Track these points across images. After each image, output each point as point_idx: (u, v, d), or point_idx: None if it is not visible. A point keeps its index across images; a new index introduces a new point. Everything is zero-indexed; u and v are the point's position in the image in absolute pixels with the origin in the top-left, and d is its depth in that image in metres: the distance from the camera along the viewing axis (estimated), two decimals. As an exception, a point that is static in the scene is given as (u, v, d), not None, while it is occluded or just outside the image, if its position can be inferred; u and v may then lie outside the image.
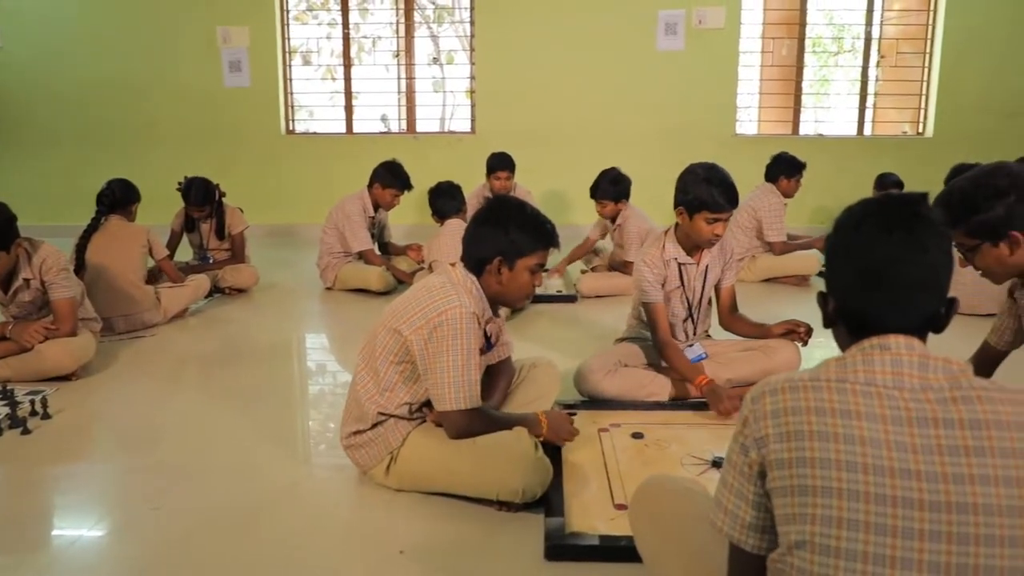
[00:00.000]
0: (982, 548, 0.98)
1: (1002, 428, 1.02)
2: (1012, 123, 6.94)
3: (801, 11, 7.04)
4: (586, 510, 2.01)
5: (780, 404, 1.09)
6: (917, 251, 1.11)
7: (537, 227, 2.14)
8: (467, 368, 2.02)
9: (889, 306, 1.12)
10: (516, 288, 2.17)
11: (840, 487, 1.01)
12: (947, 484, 0.99)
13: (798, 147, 6.32)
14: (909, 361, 1.07)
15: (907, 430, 1.02)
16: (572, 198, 7.01)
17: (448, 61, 7.89)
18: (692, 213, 2.73)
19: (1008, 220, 1.92)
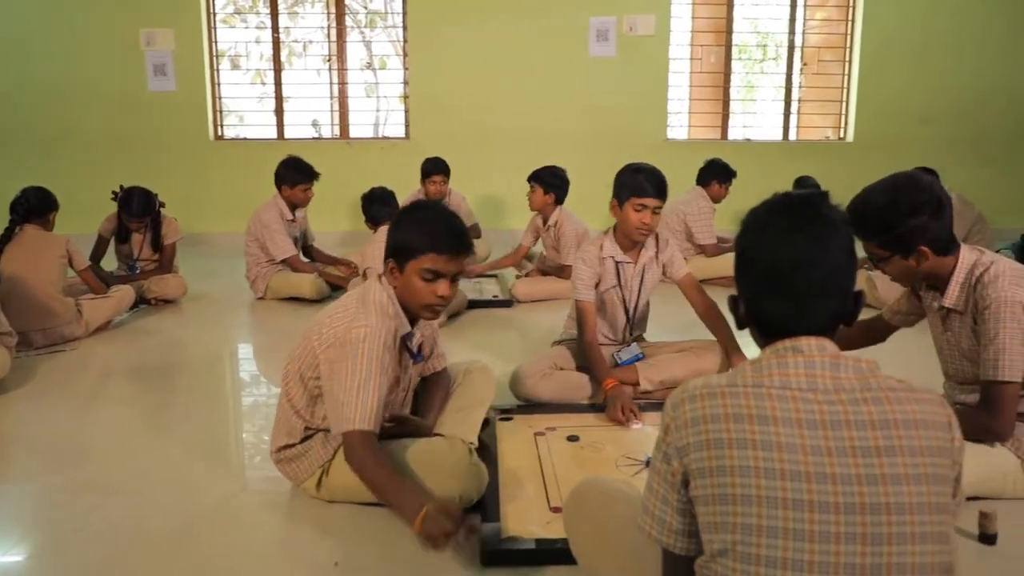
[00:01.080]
0: (894, 547, 1.01)
1: (909, 427, 1.06)
2: (926, 128, 7.26)
3: (728, 19, 7.23)
4: (522, 514, 2.01)
5: (699, 411, 1.10)
6: (818, 253, 1.14)
7: (430, 227, 1.98)
8: (364, 390, 1.88)
9: (793, 310, 1.14)
10: (410, 294, 2.01)
11: (759, 495, 1.03)
12: (861, 486, 1.02)
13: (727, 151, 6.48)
14: (821, 363, 1.09)
15: (821, 433, 1.04)
16: (507, 203, 7.04)
17: (381, 66, 7.83)
18: (622, 203, 2.80)
19: (919, 236, 2.02)
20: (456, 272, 2.02)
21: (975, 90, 7.31)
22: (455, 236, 2.00)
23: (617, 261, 2.92)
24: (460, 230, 2.03)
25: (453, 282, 2.03)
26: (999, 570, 1.85)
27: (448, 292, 2.02)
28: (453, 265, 2.00)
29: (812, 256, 1.13)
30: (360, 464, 1.86)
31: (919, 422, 1.06)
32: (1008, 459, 2.09)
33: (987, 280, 2.03)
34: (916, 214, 2.00)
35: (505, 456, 2.37)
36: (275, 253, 4.65)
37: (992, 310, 1.99)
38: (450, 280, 2.01)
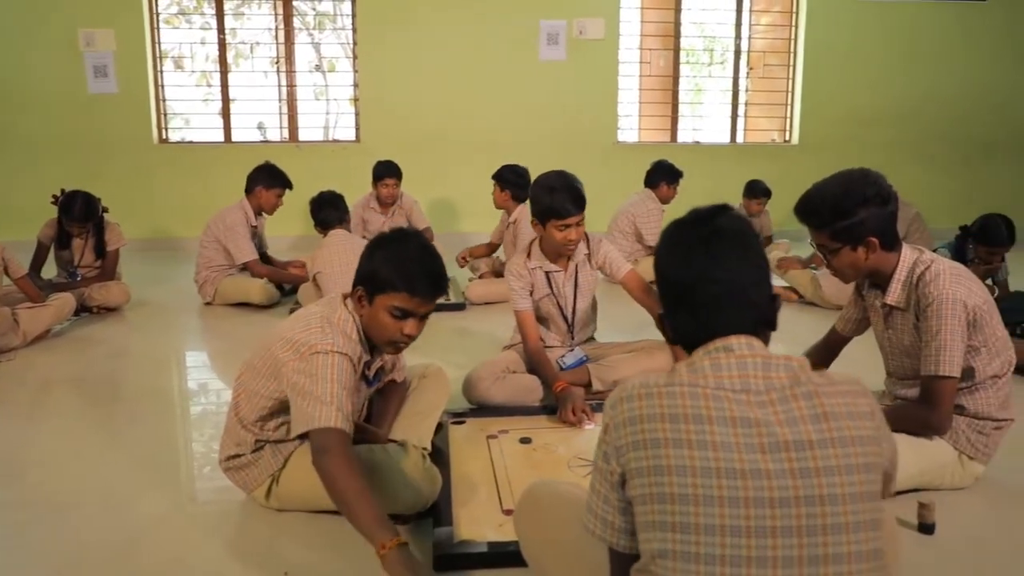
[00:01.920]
0: (830, 537, 1.04)
1: (839, 419, 1.09)
2: (868, 130, 7.48)
3: (675, 23, 7.34)
4: (475, 518, 2.01)
5: (636, 411, 1.12)
6: (716, 268, 1.18)
7: (405, 265, 1.89)
8: (335, 392, 1.80)
9: (702, 324, 1.18)
10: (376, 327, 1.93)
11: (696, 493, 1.05)
12: (795, 479, 1.05)
13: (676, 154, 6.58)
14: (753, 363, 1.13)
15: (755, 431, 1.07)
16: (459, 206, 7.03)
17: (330, 68, 7.75)
18: (544, 222, 2.80)
19: (867, 227, 2.07)
20: (428, 312, 1.96)
21: (912, 94, 7.56)
22: (433, 279, 1.92)
23: (546, 271, 2.93)
24: (439, 272, 1.95)
25: (422, 320, 1.96)
26: (937, 559, 1.91)
27: (415, 331, 1.94)
28: (425, 307, 1.93)
29: (710, 271, 1.18)
30: (332, 469, 1.69)
31: (847, 414, 1.10)
32: (946, 451, 2.16)
33: (928, 278, 2.09)
34: (866, 204, 2.07)
35: (458, 460, 2.36)
36: (237, 256, 4.59)
37: (934, 308, 2.05)
38: (419, 319, 1.95)
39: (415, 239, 1.99)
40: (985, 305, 2.08)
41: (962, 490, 2.21)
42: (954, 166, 7.72)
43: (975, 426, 2.15)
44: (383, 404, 2.34)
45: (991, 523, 2.10)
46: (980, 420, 2.15)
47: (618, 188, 6.87)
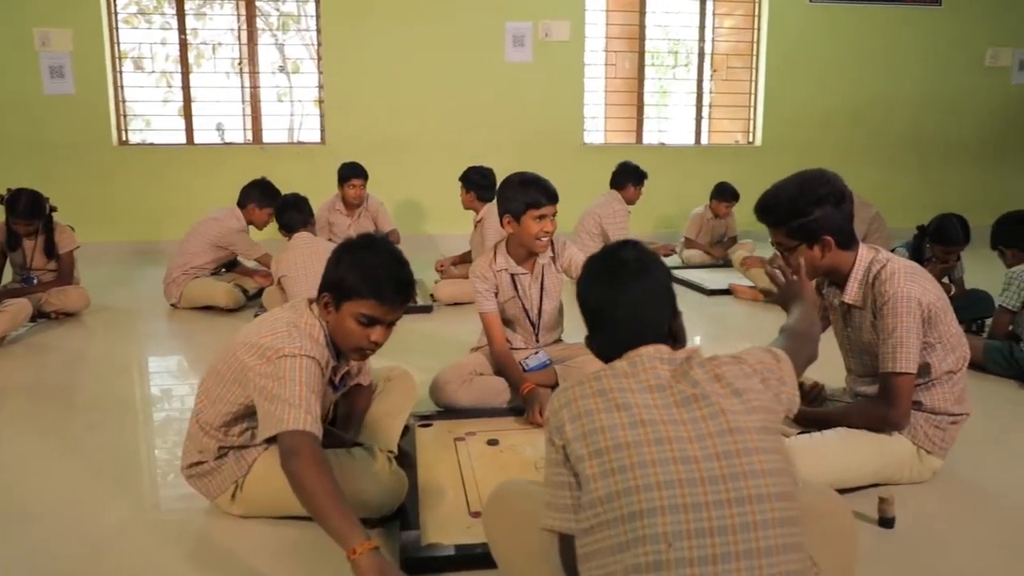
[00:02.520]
0: (743, 459, 1.22)
1: (738, 376, 1.32)
2: (829, 132, 7.61)
3: (640, 26, 7.40)
4: (442, 520, 2.00)
5: (571, 395, 1.33)
6: (618, 293, 1.43)
7: (372, 272, 1.86)
8: (303, 395, 1.78)
9: (614, 341, 1.41)
10: (342, 334, 1.92)
11: (626, 440, 1.24)
12: (705, 422, 1.26)
13: (642, 155, 6.62)
14: (660, 359, 1.36)
15: (668, 391, 1.31)
16: (426, 208, 7.01)
17: (294, 70, 7.67)
18: (519, 216, 2.80)
19: (823, 225, 2.11)
20: (395, 320, 1.94)
21: (871, 97, 7.71)
22: (401, 287, 1.91)
23: (512, 273, 2.92)
24: (407, 280, 1.94)
25: (389, 327, 1.95)
26: (897, 552, 1.94)
27: (382, 338, 1.93)
28: (392, 315, 1.91)
29: (613, 297, 1.43)
30: (302, 471, 1.66)
31: (739, 373, 1.33)
32: (905, 446, 2.20)
33: (884, 277, 2.13)
34: (821, 203, 2.11)
35: (425, 463, 2.35)
36: (251, 254, 4.74)
37: (890, 306, 2.10)
38: (386, 326, 1.94)
39: (383, 246, 1.96)
40: (939, 303, 2.13)
41: (921, 484, 2.26)
42: (911, 167, 7.89)
43: (932, 421, 2.20)
44: (348, 408, 2.32)
45: (949, 516, 2.15)
46: (937, 415, 2.20)
47: (585, 189, 6.89)
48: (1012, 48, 7.91)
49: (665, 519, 1.17)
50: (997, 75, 7.95)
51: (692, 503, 1.18)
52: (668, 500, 1.18)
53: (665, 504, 1.18)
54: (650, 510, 1.18)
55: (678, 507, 1.17)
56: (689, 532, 1.16)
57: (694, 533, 1.16)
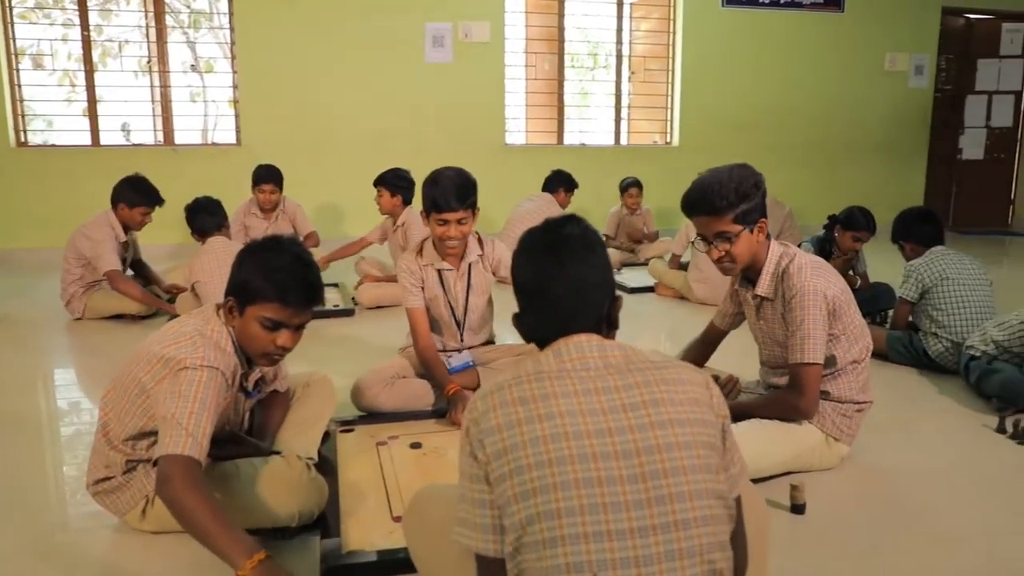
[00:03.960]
0: (670, 479, 1.15)
1: (670, 384, 1.23)
2: (743, 133, 7.86)
3: (559, 28, 7.47)
4: (364, 526, 1.97)
5: (490, 403, 1.22)
6: (560, 270, 1.31)
7: (276, 274, 1.81)
8: (195, 416, 1.71)
9: (551, 320, 1.30)
10: (248, 339, 1.87)
11: (549, 457, 1.15)
12: (633, 434, 1.17)
13: (563, 156, 6.71)
14: (589, 346, 1.26)
15: (596, 398, 1.20)
16: (345, 209, 6.90)
17: (208, 69, 7.43)
18: (428, 215, 2.76)
19: (760, 210, 2.20)
20: (302, 323, 1.89)
21: (780, 99, 8.00)
22: (308, 289, 1.86)
23: (438, 269, 2.89)
24: (314, 282, 1.89)
25: (297, 331, 1.90)
26: (810, 536, 2.02)
27: (290, 343, 1.88)
28: (299, 318, 1.87)
29: (555, 273, 1.31)
30: (178, 495, 1.61)
31: (678, 380, 1.24)
32: (814, 434, 2.29)
33: (792, 271, 2.22)
34: (757, 188, 2.21)
35: (346, 468, 2.31)
36: (99, 265, 4.21)
37: (797, 299, 2.18)
38: (294, 330, 1.89)
39: (288, 247, 1.91)
40: (843, 296, 2.23)
41: (829, 470, 2.35)
42: (819, 166, 8.22)
43: (839, 409, 2.29)
44: (265, 415, 2.26)
45: (856, 500, 2.24)
46: (843, 404, 2.29)
47: (507, 190, 6.93)
48: (909, 53, 8.34)
49: (589, 547, 1.11)
50: (895, 79, 8.36)
51: (616, 530, 1.11)
52: (591, 527, 1.11)
53: (589, 531, 1.11)
54: (572, 536, 1.11)
55: (602, 534, 1.11)
56: (614, 562, 1.10)
57: (619, 563, 1.10)
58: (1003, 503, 2.24)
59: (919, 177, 8.72)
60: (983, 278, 3.45)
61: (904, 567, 1.89)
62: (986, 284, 3.44)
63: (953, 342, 3.32)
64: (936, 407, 3.04)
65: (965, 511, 2.18)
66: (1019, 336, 2.98)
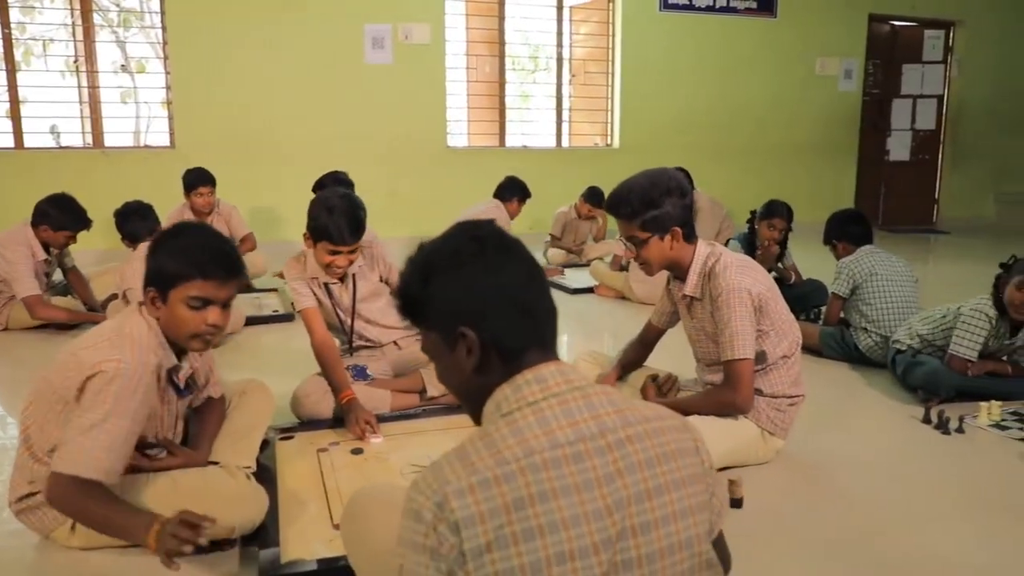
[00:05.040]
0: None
1: (670, 460, 1.06)
2: (682, 135, 8.00)
3: (500, 30, 7.49)
4: (304, 535, 1.94)
5: (472, 508, 0.96)
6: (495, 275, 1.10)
7: (195, 252, 1.82)
8: (104, 432, 1.71)
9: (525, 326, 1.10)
10: (176, 325, 1.84)
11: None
12: (636, 538, 1.01)
13: (506, 158, 6.72)
14: (577, 407, 1.05)
15: (598, 492, 1.00)
16: (284, 213, 6.77)
17: (139, 70, 7.21)
18: (315, 241, 2.66)
19: (673, 217, 2.23)
20: (228, 298, 1.88)
21: (719, 102, 8.18)
22: (225, 259, 1.85)
23: (323, 282, 2.82)
24: (230, 252, 1.88)
25: (225, 308, 1.88)
26: (747, 530, 2.06)
27: (220, 320, 1.86)
28: (224, 291, 1.85)
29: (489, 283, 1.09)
30: (65, 505, 1.76)
31: (677, 451, 1.07)
32: (750, 428, 2.35)
33: (718, 270, 2.28)
34: (670, 195, 2.24)
35: (286, 477, 2.27)
36: (16, 289, 4.00)
37: (724, 298, 2.24)
38: (222, 306, 1.87)
39: (196, 226, 1.96)
40: (769, 292, 2.29)
41: (765, 464, 2.41)
42: (755, 168, 8.42)
43: (772, 404, 2.35)
44: (201, 424, 2.20)
45: (792, 493, 2.30)
46: (776, 398, 2.35)
47: (449, 192, 6.92)
48: (839, 58, 8.62)
49: None
50: (826, 83, 8.63)
51: None
52: None
53: None
54: None
55: None
56: None
57: None
58: (929, 491, 2.33)
59: (850, 177, 9.02)
60: (909, 275, 3.60)
61: (838, 557, 1.95)
62: (912, 281, 3.59)
63: (881, 336, 3.45)
64: (866, 400, 3.15)
65: (895, 500, 2.26)
66: (940, 330, 3.12)
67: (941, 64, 9.14)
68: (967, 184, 9.50)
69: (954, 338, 3.01)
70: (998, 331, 2.99)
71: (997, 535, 2.06)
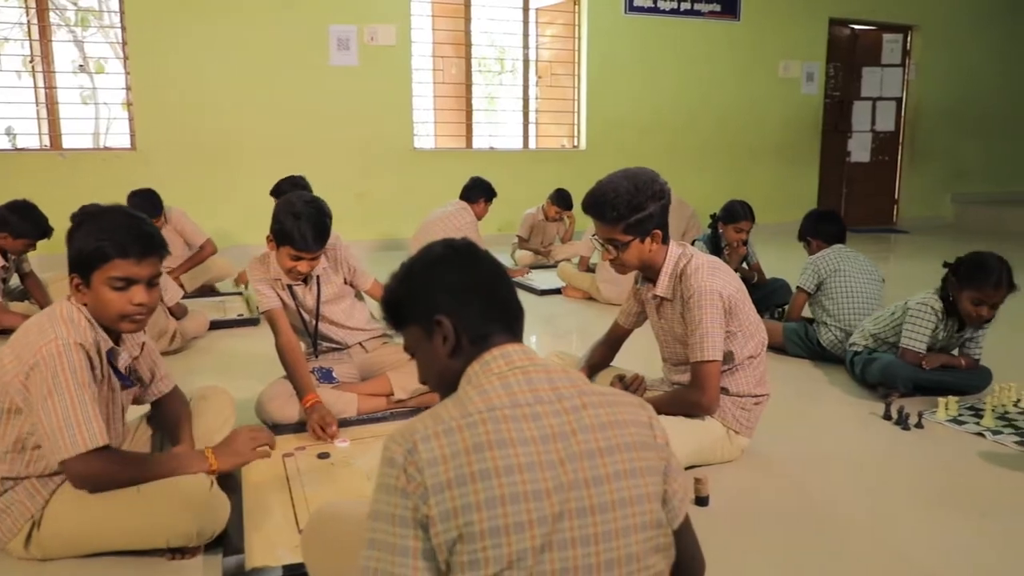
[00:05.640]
0: (620, 540, 1.09)
1: (622, 426, 1.15)
2: (648, 136, 8.07)
3: (466, 32, 7.48)
4: (269, 541, 1.92)
5: (437, 451, 1.06)
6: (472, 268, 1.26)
7: (106, 233, 1.80)
8: (79, 404, 1.74)
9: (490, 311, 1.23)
10: (102, 307, 1.83)
11: (507, 523, 1.03)
12: (589, 489, 1.08)
13: (473, 160, 6.71)
14: (538, 377, 1.15)
15: (553, 446, 1.09)
16: (248, 216, 6.68)
17: (98, 70, 7.08)
18: (279, 245, 2.65)
19: (655, 219, 2.24)
20: (153, 276, 1.88)
21: (684, 103, 8.27)
22: (141, 236, 1.85)
23: (286, 284, 2.80)
24: (147, 230, 1.88)
25: (151, 287, 1.88)
26: (713, 528, 2.07)
27: (146, 299, 1.86)
28: (146, 269, 1.85)
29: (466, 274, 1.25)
30: (103, 480, 1.80)
31: (629, 421, 1.17)
32: (716, 428, 2.37)
33: (689, 271, 2.29)
34: (653, 199, 2.23)
35: (251, 482, 2.24)
36: None
37: (695, 299, 2.25)
38: (146, 285, 1.86)
39: (110, 208, 1.94)
40: (738, 294, 2.32)
41: (731, 462, 2.44)
42: (721, 168, 8.53)
43: (738, 403, 2.38)
44: (169, 417, 2.17)
45: (757, 491, 2.33)
46: (742, 397, 2.38)
47: (416, 194, 6.90)
48: (801, 61, 8.77)
49: None
50: (789, 85, 8.77)
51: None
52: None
53: None
54: None
55: None
56: None
57: None
58: (890, 486, 2.37)
59: (813, 178, 9.17)
60: (875, 274, 3.68)
61: (803, 553, 1.98)
62: (877, 280, 3.67)
63: (843, 331, 3.52)
64: (829, 397, 3.20)
65: (857, 496, 2.30)
66: (891, 326, 3.20)
67: (899, 67, 9.34)
68: (925, 184, 9.72)
69: (904, 332, 3.09)
70: (946, 324, 3.06)
71: (955, 528, 2.11)
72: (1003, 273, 2.90)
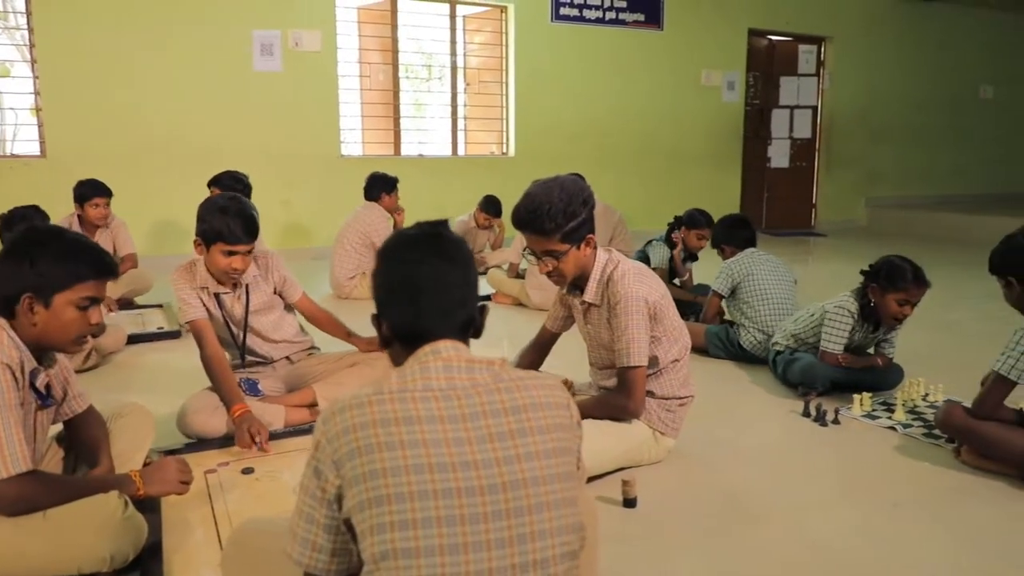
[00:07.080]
0: (534, 516, 1.12)
1: (537, 409, 1.19)
2: (575, 143, 8.17)
3: (393, 39, 7.43)
4: (190, 561, 1.86)
5: (348, 422, 1.13)
6: (449, 267, 1.27)
7: (78, 256, 1.83)
8: (3, 428, 1.69)
9: (434, 317, 1.24)
10: (59, 329, 1.82)
11: (411, 490, 1.08)
12: (500, 467, 1.12)
13: (402, 166, 6.64)
14: (458, 366, 1.20)
15: (462, 426, 1.14)
16: (173, 225, 6.49)
17: (3, 73, 6.76)
18: (208, 244, 2.59)
19: (588, 226, 2.25)
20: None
21: (609, 111, 8.40)
22: (107, 256, 1.90)
23: (214, 292, 2.74)
24: (96, 247, 1.90)
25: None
26: (640, 528, 2.11)
27: (100, 319, 1.90)
28: (105, 289, 1.92)
29: (445, 269, 1.27)
30: (28, 505, 1.73)
31: (544, 404, 1.20)
32: (642, 430, 2.41)
33: (616, 278, 2.32)
34: (585, 204, 2.24)
35: (171, 502, 2.15)
36: None
37: (621, 305, 2.28)
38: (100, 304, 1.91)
39: (57, 230, 1.93)
40: (663, 300, 2.36)
41: (658, 463, 2.48)
42: (646, 174, 8.70)
43: (664, 405, 2.42)
44: (87, 437, 2.08)
45: (684, 489, 2.38)
46: (667, 400, 2.43)
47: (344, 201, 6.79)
48: (722, 71, 9.03)
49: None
50: (711, 93, 9.02)
51: (475, 571, 1.08)
52: (450, 568, 1.07)
53: (447, 572, 1.07)
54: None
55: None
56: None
57: None
58: (809, 480, 2.46)
59: (735, 184, 9.44)
60: (787, 276, 3.81)
61: (729, 548, 2.03)
62: (789, 281, 3.80)
63: (761, 332, 3.64)
64: (750, 397, 3.29)
65: (778, 490, 2.37)
66: (811, 328, 3.32)
67: (815, 77, 9.72)
68: (841, 189, 10.13)
69: (822, 335, 3.20)
70: (862, 325, 3.20)
71: (871, 518, 2.19)
72: (919, 271, 3.05)
